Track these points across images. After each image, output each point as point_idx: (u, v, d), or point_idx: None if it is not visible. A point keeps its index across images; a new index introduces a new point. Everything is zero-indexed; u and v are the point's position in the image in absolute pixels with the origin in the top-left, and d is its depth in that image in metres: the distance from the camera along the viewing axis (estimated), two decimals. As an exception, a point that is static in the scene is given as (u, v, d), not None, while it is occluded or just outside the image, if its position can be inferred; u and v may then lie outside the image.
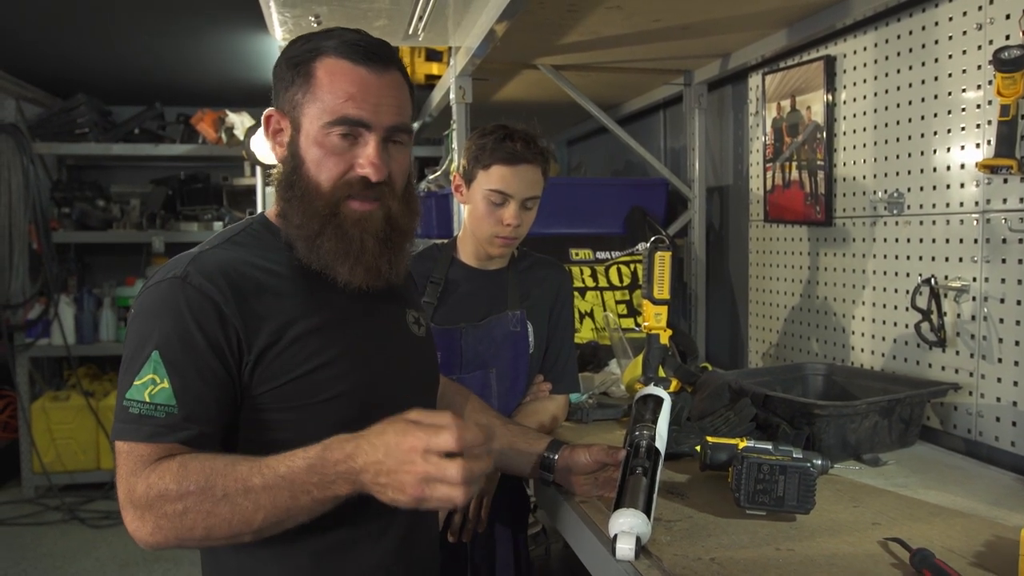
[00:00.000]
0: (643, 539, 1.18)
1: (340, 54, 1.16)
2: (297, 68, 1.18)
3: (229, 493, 1.01)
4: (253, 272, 1.16)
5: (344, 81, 1.15)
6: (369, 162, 1.16)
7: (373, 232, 1.19)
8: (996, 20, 1.70)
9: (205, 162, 5.52)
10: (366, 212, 1.18)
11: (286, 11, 2.27)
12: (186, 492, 1.01)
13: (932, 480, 1.57)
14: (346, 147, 1.16)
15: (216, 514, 1.01)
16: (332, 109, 1.15)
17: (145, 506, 1.02)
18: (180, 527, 1.02)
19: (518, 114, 1.95)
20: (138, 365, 1.08)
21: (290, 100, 1.19)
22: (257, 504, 1.01)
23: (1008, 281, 1.69)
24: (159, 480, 1.02)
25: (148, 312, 1.11)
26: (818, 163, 2.29)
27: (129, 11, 3.54)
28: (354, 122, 1.15)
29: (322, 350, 1.17)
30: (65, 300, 4.87)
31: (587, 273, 2.85)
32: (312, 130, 1.16)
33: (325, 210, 1.17)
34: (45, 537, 4.22)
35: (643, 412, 1.43)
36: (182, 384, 1.08)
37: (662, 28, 2.32)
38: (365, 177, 1.16)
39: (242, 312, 1.12)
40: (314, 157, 1.17)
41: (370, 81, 1.16)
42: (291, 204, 1.19)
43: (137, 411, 1.06)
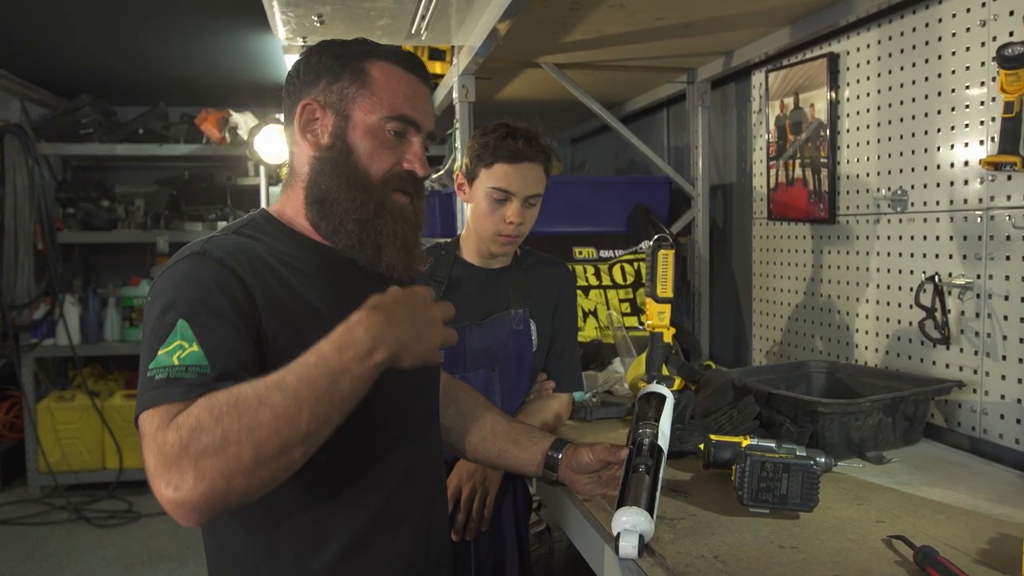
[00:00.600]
0: (646, 537, 1.18)
1: (392, 60, 1.25)
2: (346, 64, 1.23)
3: (265, 399, 0.95)
4: (267, 259, 1.17)
5: (402, 83, 1.24)
6: (417, 159, 1.25)
7: (412, 224, 1.27)
8: (1000, 16, 1.70)
9: (209, 162, 5.53)
10: (406, 204, 1.26)
11: (289, 11, 2.27)
12: (220, 415, 0.94)
13: (936, 478, 1.57)
14: (396, 143, 1.24)
15: (259, 425, 0.94)
16: (392, 105, 1.22)
17: (181, 450, 0.93)
18: (225, 459, 0.92)
19: (521, 113, 1.95)
20: (163, 336, 1.04)
21: (338, 92, 1.22)
22: (299, 400, 0.96)
23: (1012, 278, 1.69)
24: (187, 418, 0.95)
25: (168, 289, 1.09)
26: (821, 161, 2.29)
27: (133, 12, 3.55)
28: (409, 121, 1.23)
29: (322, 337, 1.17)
30: (70, 300, 4.89)
31: (590, 271, 2.85)
32: (368, 121, 1.22)
33: (377, 196, 1.22)
34: (51, 537, 4.23)
35: (646, 410, 1.43)
36: (212, 345, 1.04)
37: (665, 26, 2.32)
38: (412, 172, 1.25)
39: (263, 290, 1.12)
40: (367, 147, 1.22)
41: (419, 88, 1.26)
42: (339, 188, 1.22)
43: (164, 376, 1.00)
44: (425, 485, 1.31)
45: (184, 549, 3.99)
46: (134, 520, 4.45)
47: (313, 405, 0.97)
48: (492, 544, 1.85)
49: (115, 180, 5.58)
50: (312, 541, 1.18)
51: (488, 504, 1.72)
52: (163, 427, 0.96)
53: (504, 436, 1.50)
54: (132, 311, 5.08)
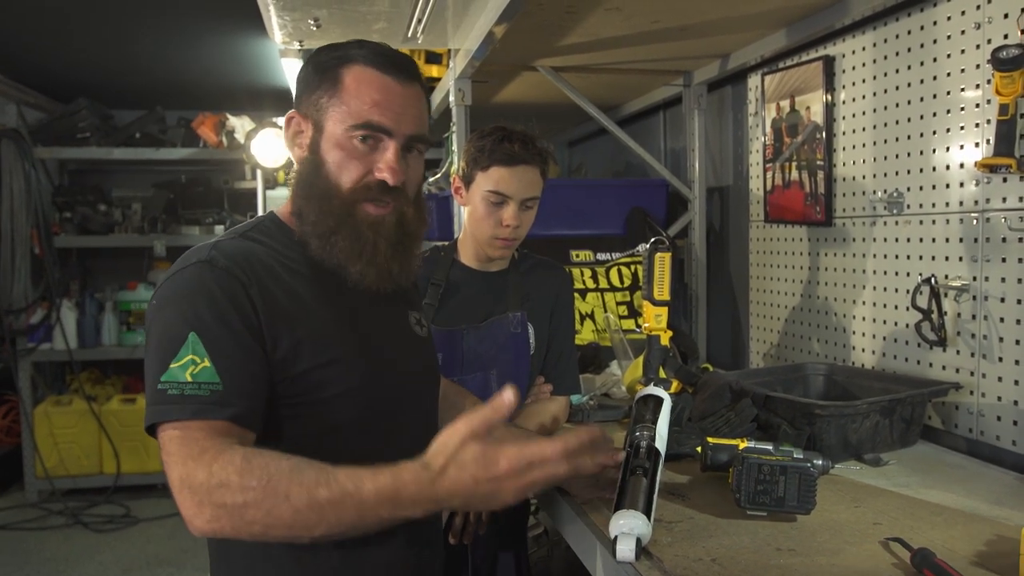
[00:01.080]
0: (644, 540, 1.17)
1: (368, 62, 1.20)
2: (324, 73, 1.21)
3: (292, 498, 0.97)
4: (270, 263, 1.18)
5: (371, 88, 1.19)
6: (388, 167, 1.20)
7: (386, 235, 1.22)
8: (994, 19, 1.70)
9: (206, 166, 5.53)
10: (380, 216, 1.22)
11: (285, 14, 2.27)
12: (248, 487, 0.97)
13: (933, 480, 1.57)
14: (367, 151, 1.20)
15: (277, 515, 0.97)
16: (357, 113, 1.19)
17: (205, 493, 0.98)
18: (239, 520, 0.98)
19: (518, 116, 1.95)
20: (174, 348, 1.06)
21: (314, 103, 1.22)
22: (321, 516, 0.98)
23: (1008, 280, 1.69)
24: (221, 470, 0.98)
25: (176, 297, 1.11)
26: (818, 163, 2.30)
27: (129, 16, 3.55)
28: (377, 128, 1.19)
29: (331, 347, 1.19)
30: (67, 304, 4.88)
31: (588, 274, 2.85)
32: (336, 132, 1.20)
33: (341, 210, 1.20)
34: (48, 542, 4.22)
35: (643, 413, 1.42)
36: (224, 362, 1.07)
37: (661, 29, 2.32)
38: (383, 181, 1.20)
39: (264, 299, 1.14)
40: (336, 158, 1.20)
41: (395, 90, 1.20)
42: (309, 202, 1.21)
43: (178, 392, 1.04)
44: None
45: (182, 553, 3.98)
46: (132, 525, 4.45)
47: (332, 525, 0.99)
48: (490, 547, 1.85)
49: (112, 184, 5.58)
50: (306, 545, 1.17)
51: (486, 507, 1.71)
52: (194, 456, 1.01)
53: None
54: (129, 315, 5.07)
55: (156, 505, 4.67)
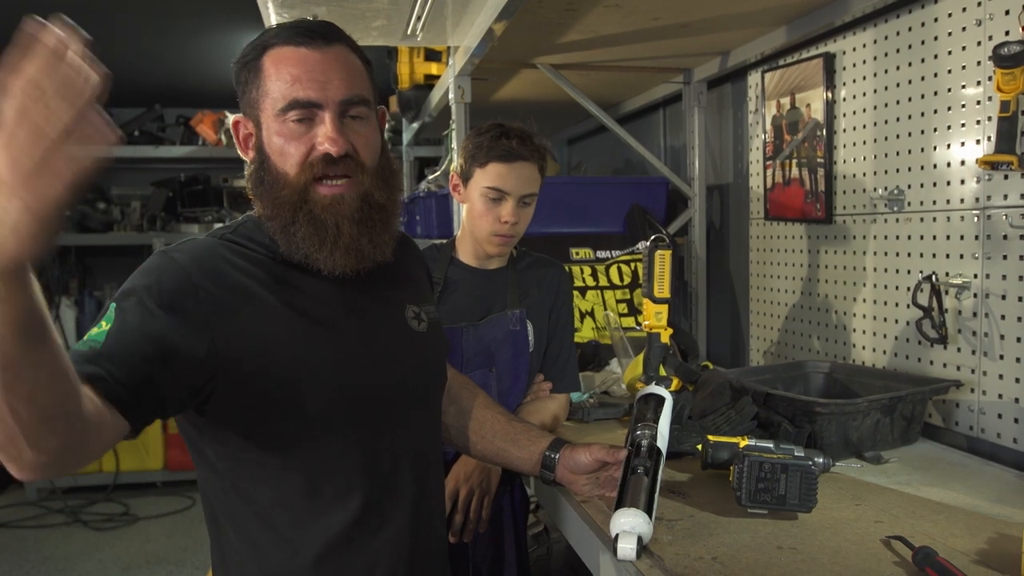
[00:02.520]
0: (644, 539, 1.17)
1: (283, 41, 1.16)
2: (248, 67, 1.19)
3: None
4: (232, 272, 1.16)
5: (288, 65, 1.14)
6: (326, 137, 1.14)
7: (347, 215, 1.16)
8: (995, 16, 1.70)
9: (205, 164, 5.53)
10: (337, 195, 1.16)
11: (284, 12, 2.26)
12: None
13: (934, 478, 1.56)
14: (304, 130, 1.15)
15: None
16: (282, 95, 1.14)
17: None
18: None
19: (517, 114, 1.95)
20: (99, 318, 1.07)
21: (248, 100, 1.19)
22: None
23: (1009, 277, 1.69)
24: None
25: (128, 280, 1.12)
26: (818, 161, 2.29)
27: (128, 13, 3.54)
28: (304, 103, 1.14)
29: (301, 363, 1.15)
30: (66, 303, 4.88)
31: (587, 272, 2.85)
32: (269, 122, 1.17)
33: (294, 197, 1.15)
34: (48, 540, 4.22)
35: (644, 411, 1.42)
36: (119, 328, 1.03)
37: (661, 26, 2.32)
38: (327, 154, 1.14)
39: (221, 302, 1.11)
40: (276, 147, 1.16)
41: (314, 59, 1.15)
42: (263, 199, 1.19)
43: (72, 349, 0.99)
44: (410, 488, 1.27)
45: (181, 552, 3.98)
46: (131, 523, 4.45)
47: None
48: (490, 545, 1.85)
49: (111, 182, 5.58)
50: (291, 541, 1.17)
51: (486, 506, 1.71)
52: None
53: (503, 435, 1.50)
54: (128, 313, 5.06)
55: (155, 503, 4.67)
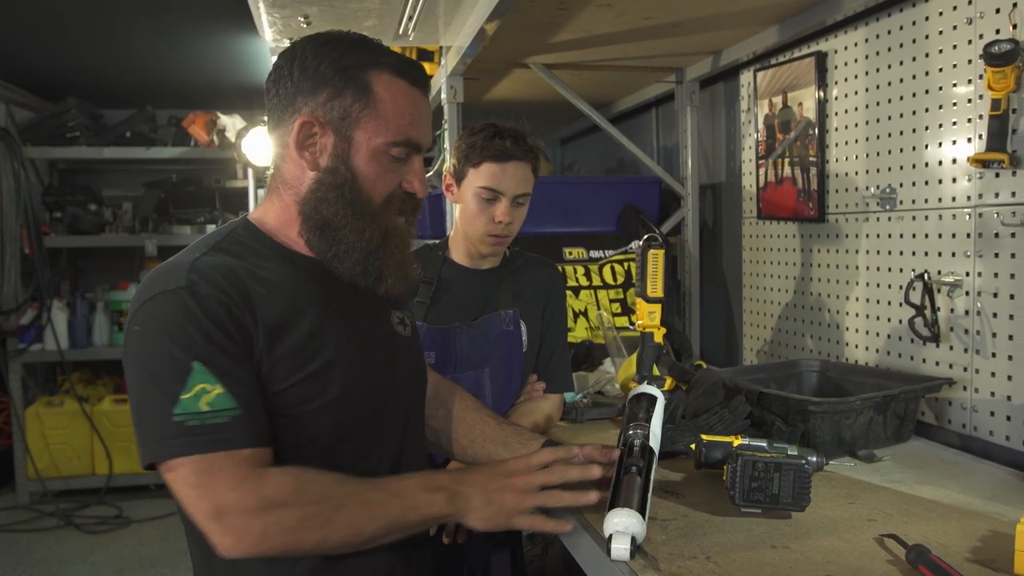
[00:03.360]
0: (638, 538, 1.17)
1: (397, 72, 1.20)
2: (349, 77, 1.17)
3: (346, 504, 1.07)
4: (246, 280, 1.14)
5: (407, 102, 1.20)
6: (418, 179, 1.24)
7: (406, 243, 1.27)
8: (986, 14, 1.70)
9: (197, 165, 5.51)
10: (402, 224, 1.26)
11: (275, 12, 2.26)
12: (306, 502, 1.04)
13: (927, 476, 1.57)
14: (398, 166, 1.22)
15: (333, 523, 1.05)
16: (397, 129, 1.19)
17: (257, 513, 1.02)
18: (291, 538, 1.04)
19: (509, 113, 1.94)
20: (179, 379, 1.04)
21: (340, 110, 1.17)
22: (372, 515, 1.08)
23: (1001, 275, 1.69)
24: (274, 491, 1.04)
25: (164, 324, 1.07)
26: (810, 159, 2.29)
27: (119, 15, 3.53)
28: (414, 144, 1.22)
29: (317, 354, 1.16)
30: (58, 305, 4.85)
31: (581, 272, 2.85)
32: (373, 146, 1.18)
33: (381, 224, 1.21)
34: (40, 543, 4.20)
35: (636, 411, 1.42)
36: (235, 386, 1.07)
37: (653, 25, 2.32)
38: (412, 193, 1.24)
39: (246, 319, 1.11)
40: (371, 172, 1.19)
41: (423, 104, 1.23)
42: (344, 218, 1.19)
43: (198, 422, 1.03)
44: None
45: (175, 555, 3.97)
46: (124, 526, 4.43)
47: (380, 523, 1.09)
48: (484, 546, 1.84)
49: (102, 184, 5.55)
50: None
51: (479, 506, 1.71)
52: (237, 486, 1.03)
53: (493, 439, 1.49)
54: (121, 315, 5.05)
55: (149, 506, 4.65)
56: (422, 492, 1.12)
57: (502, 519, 1.16)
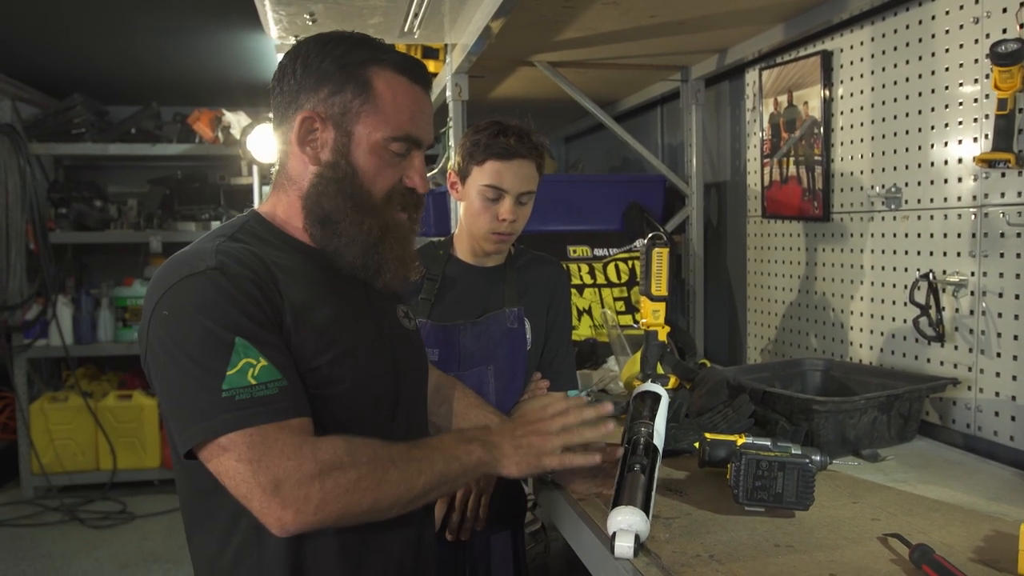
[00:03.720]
0: (642, 536, 1.17)
1: (398, 69, 1.21)
2: (350, 73, 1.18)
3: (396, 461, 1.10)
4: (269, 264, 1.16)
5: (407, 99, 1.21)
6: (419, 175, 1.24)
7: (408, 239, 1.27)
8: (993, 14, 1.70)
9: (202, 162, 5.51)
10: (403, 220, 1.26)
11: (281, 9, 2.26)
12: (359, 462, 1.07)
13: (931, 475, 1.57)
14: (398, 161, 1.22)
15: (387, 481, 1.08)
16: (397, 124, 1.20)
17: (316, 481, 1.03)
18: (348, 500, 1.05)
19: (515, 111, 1.94)
20: (223, 355, 1.05)
21: (340, 105, 1.19)
22: (420, 469, 1.12)
23: (1006, 275, 1.69)
24: (329, 455, 1.05)
25: (200, 305, 1.08)
26: (815, 158, 2.29)
27: (124, 11, 3.53)
28: (414, 140, 1.23)
29: (333, 342, 1.18)
30: (63, 301, 4.87)
31: (585, 270, 2.85)
32: (372, 140, 1.19)
33: (381, 218, 1.22)
34: (44, 538, 4.22)
35: (640, 409, 1.42)
36: (278, 357, 1.09)
37: (658, 24, 2.31)
38: (413, 189, 1.25)
39: (277, 296, 1.13)
40: (371, 167, 1.20)
41: (424, 102, 1.25)
42: (344, 211, 1.20)
43: (247, 395, 1.04)
44: None
45: (178, 550, 3.98)
46: (128, 521, 4.44)
47: (428, 477, 1.12)
48: (487, 544, 1.84)
49: (108, 180, 5.56)
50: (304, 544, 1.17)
51: (483, 504, 1.71)
52: (293, 454, 1.04)
53: None
54: (125, 311, 5.06)
55: (152, 501, 4.67)
56: (459, 444, 1.18)
57: (533, 461, 1.22)
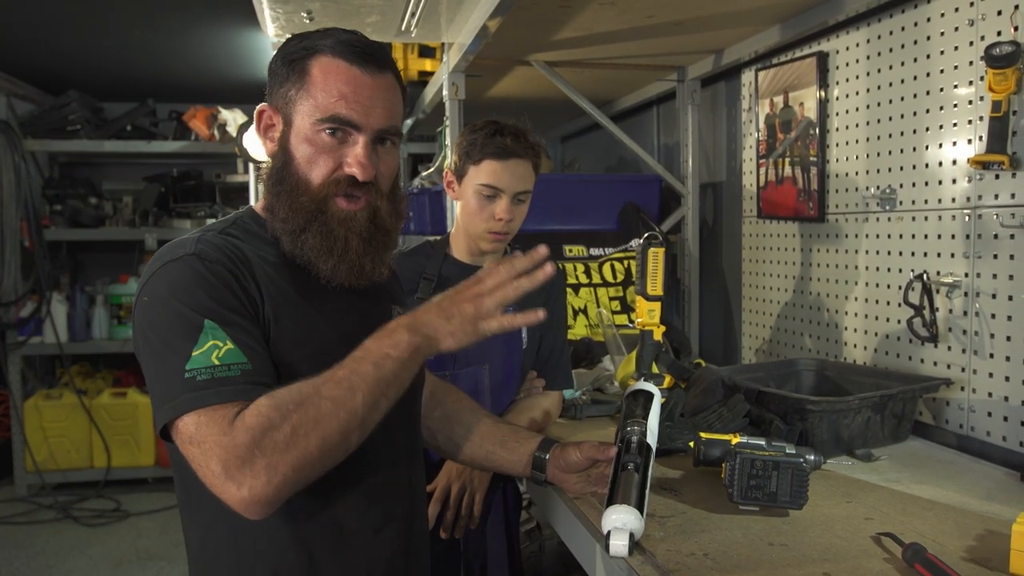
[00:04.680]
0: (636, 535, 1.18)
1: (336, 53, 1.17)
2: (292, 65, 1.19)
3: (322, 391, 1.03)
4: (254, 258, 1.17)
5: (338, 80, 1.16)
6: (357, 161, 1.17)
7: (357, 231, 1.20)
8: (988, 16, 1.71)
9: (198, 159, 5.51)
10: (352, 211, 1.20)
11: (278, 7, 2.26)
12: (287, 411, 1.01)
13: (924, 475, 1.57)
14: (335, 145, 1.18)
15: (323, 416, 1.02)
16: (324, 107, 1.16)
17: (253, 448, 0.99)
18: (295, 452, 1.00)
19: (511, 111, 1.95)
20: (191, 337, 1.05)
21: (283, 96, 1.20)
22: (351, 386, 1.04)
23: (999, 277, 1.70)
24: (256, 419, 1.00)
25: (175, 289, 1.09)
26: (811, 159, 2.30)
27: (121, 7, 3.53)
28: (345, 122, 1.17)
29: (312, 340, 1.18)
30: (57, 298, 4.86)
31: (581, 269, 2.85)
32: (303, 126, 1.18)
33: (311, 206, 1.18)
34: (38, 536, 4.21)
35: (633, 408, 1.43)
36: (245, 342, 1.07)
37: (655, 24, 2.32)
38: (352, 176, 1.18)
39: (251, 290, 1.13)
40: (304, 154, 1.18)
41: (363, 82, 1.17)
42: (279, 198, 1.20)
43: (209, 376, 1.03)
44: (406, 484, 1.30)
45: (173, 548, 3.98)
46: (122, 519, 4.44)
47: (364, 391, 1.04)
48: (482, 542, 1.85)
49: (103, 177, 5.55)
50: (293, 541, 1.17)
51: (477, 502, 1.72)
52: (226, 431, 1.00)
53: (491, 438, 1.50)
54: (120, 309, 5.05)
55: (147, 499, 4.66)
56: (383, 340, 1.09)
57: (469, 328, 1.12)
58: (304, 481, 1.03)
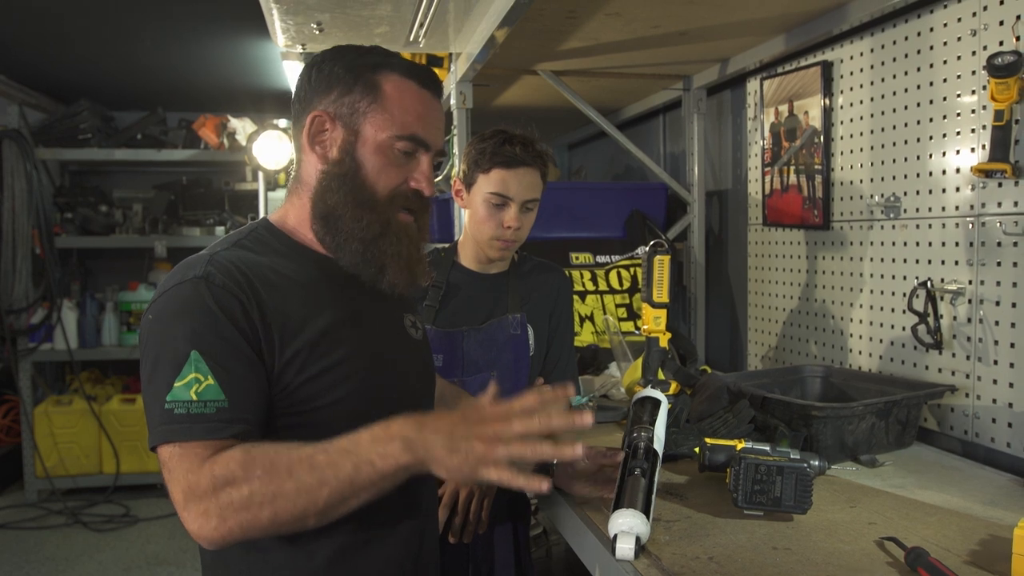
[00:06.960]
0: (642, 539, 1.19)
1: (406, 74, 1.24)
2: (359, 76, 1.22)
3: (294, 471, 1.01)
4: (267, 274, 1.18)
5: (414, 100, 1.23)
6: (425, 178, 1.25)
7: (415, 242, 1.27)
8: (990, 26, 1.72)
9: (207, 167, 5.54)
10: (409, 223, 1.26)
11: (288, 18, 2.29)
12: (252, 476, 1.01)
13: (928, 481, 1.58)
14: (404, 161, 1.24)
15: (282, 494, 1.00)
16: (403, 124, 1.22)
17: (210, 495, 1.01)
18: (246, 516, 1.00)
19: (518, 119, 1.97)
20: (176, 366, 1.07)
21: (349, 105, 1.22)
22: (322, 479, 1.01)
23: (1003, 284, 1.71)
24: (223, 469, 1.01)
25: (174, 313, 1.11)
26: (816, 167, 2.31)
27: (132, 17, 3.56)
28: (419, 141, 1.23)
29: (333, 350, 1.19)
30: (68, 305, 4.89)
31: (587, 277, 2.87)
32: (376, 138, 1.21)
33: (383, 215, 1.23)
34: (48, 541, 4.23)
35: (640, 414, 1.44)
36: (227, 378, 1.08)
37: (661, 34, 2.34)
38: (419, 191, 1.25)
39: (262, 312, 1.14)
40: (374, 164, 1.22)
41: (432, 105, 1.26)
42: (346, 206, 1.22)
43: (184, 411, 1.05)
44: (415, 491, 1.30)
45: (181, 553, 3.99)
46: (131, 524, 4.45)
47: (333, 486, 1.01)
48: (489, 547, 1.86)
49: (113, 185, 5.59)
50: (302, 546, 1.19)
51: (485, 507, 1.73)
52: (194, 469, 1.03)
53: None
54: (130, 316, 5.08)
55: (156, 505, 4.68)
56: (375, 444, 1.02)
57: (467, 470, 1.01)
58: (256, 537, 1.05)
